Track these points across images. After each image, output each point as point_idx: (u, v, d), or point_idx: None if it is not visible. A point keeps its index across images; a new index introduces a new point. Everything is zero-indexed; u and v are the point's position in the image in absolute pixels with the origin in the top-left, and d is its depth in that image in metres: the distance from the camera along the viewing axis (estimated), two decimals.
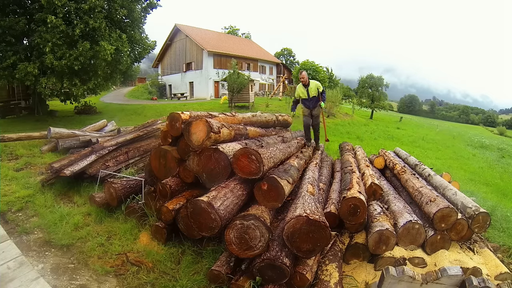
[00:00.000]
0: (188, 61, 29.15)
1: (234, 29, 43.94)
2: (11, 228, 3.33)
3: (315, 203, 2.62)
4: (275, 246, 2.39)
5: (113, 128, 8.43)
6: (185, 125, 3.28)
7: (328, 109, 21.83)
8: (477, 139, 23.99)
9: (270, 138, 4.89)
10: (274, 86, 33.07)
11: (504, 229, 4.08)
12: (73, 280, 2.60)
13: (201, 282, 2.63)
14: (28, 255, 2.83)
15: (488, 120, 78.00)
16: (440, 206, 2.96)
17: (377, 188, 3.64)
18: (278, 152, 3.47)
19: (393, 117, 37.71)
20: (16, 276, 1.27)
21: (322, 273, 2.58)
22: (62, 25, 9.25)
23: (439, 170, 6.40)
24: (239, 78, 16.70)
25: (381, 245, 2.85)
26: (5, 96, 13.60)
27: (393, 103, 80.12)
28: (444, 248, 2.97)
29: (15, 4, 10.02)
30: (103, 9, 10.53)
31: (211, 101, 22.48)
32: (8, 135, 6.64)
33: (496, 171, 11.48)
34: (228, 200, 2.58)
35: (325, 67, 28.03)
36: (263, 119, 5.58)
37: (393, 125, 25.34)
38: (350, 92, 34.70)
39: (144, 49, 13.79)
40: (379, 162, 5.47)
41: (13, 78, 9.97)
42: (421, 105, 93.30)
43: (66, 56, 9.67)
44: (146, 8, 13.07)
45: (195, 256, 3.01)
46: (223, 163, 3.05)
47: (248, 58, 31.09)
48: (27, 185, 4.47)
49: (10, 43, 9.80)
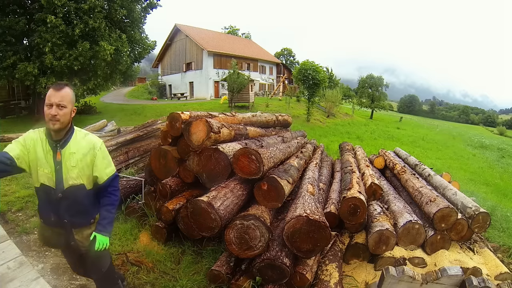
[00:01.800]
0: (188, 61, 29.15)
1: (234, 29, 43.94)
2: (11, 228, 3.33)
3: (315, 203, 2.62)
4: (275, 246, 2.39)
5: (113, 128, 8.43)
6: (185, 125, 3.28)
7: (328, 109, 21.87)
8: (477, 139, 24.00)
9: (270, 138, 4.89)
10: (274, 86, 33.07)
11: (504, 229, 4.09)
12: (73, 280, 2.60)
13: (201, 282, 2.63)
14: (28, 255, 2.84)
15: (488, 120, 78.05)
16: (440, 206, 2.96)
17: (377, 188, 3.64)
18: (278, 152, 3.47)
19: (393, 117, 37.73)
20: (16, 276, 1.27)
21: (322, 273, 2.58)
22: (62, 25, 9.26)
23: (439, 170, 6.40)
24: (239, 78, 16.71)
25: (381, 245, 2.85)
26: (5, 96, 13.60)
27: (393, 103, 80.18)
28: (444, 248, 2.97)
29: (15, 4, 10.03)
30: (103, 9, 10.53)
31: (211, 101, 22.48)
32: (8, 135, 6.64)
33: (496, 171, 11.49)
34: (228, 200, 2.58)
35: (325, 67, 28.08)
36: (263, 119, 5.58)
37: (393, 125, 25.36)
38: (350, 92, 34.74)
39: (144, 49, 13.80)
40: (379, 162, 5.48)
41: (13, 78, 9.99)
42: (421, 105, 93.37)
43: (66, 56, 9.68)
44: (146, 8, 13.08)
45: (195, 256, 3.01)
46: (223, 163, 3.05)
47: (248, 58, 31.09)
48: (27, 185, 4.46)
49: (10, 43, 9.81)
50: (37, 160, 1.61)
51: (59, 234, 1.75)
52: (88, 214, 1.79)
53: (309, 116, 17.62)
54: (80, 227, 1.76)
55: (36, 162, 1.61)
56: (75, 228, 1.74)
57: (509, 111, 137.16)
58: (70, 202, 1.68)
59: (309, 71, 17.37)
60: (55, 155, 1.61)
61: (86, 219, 1.78)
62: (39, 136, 1.64)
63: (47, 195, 1.66)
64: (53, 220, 1.71)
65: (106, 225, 1.74)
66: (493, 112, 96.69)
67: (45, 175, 1.62)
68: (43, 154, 1.61)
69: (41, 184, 1.64)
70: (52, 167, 1.62)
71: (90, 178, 1.73)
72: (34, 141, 1.62)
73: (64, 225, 1.71)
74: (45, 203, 1.70)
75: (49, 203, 1.68)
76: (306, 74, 17.39)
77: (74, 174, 1.66)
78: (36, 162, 1.61)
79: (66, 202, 1.67)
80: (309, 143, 6.25)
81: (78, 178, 1.67)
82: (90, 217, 1.79)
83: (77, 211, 1.72)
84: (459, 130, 33.90)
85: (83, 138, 1.71)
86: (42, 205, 1.72)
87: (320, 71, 17.91)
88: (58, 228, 1.73)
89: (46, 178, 1.62)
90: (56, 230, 1.74)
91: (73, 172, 1.65)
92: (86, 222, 1.78)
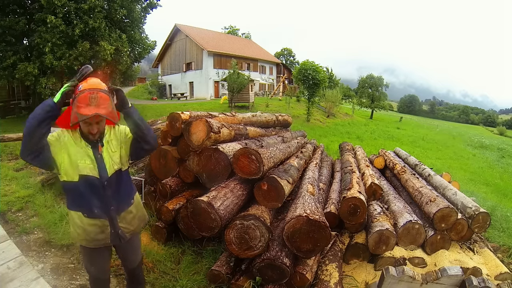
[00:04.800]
0: (188, 61, 29.15)
1: (234, 29, 43.93)
2: (11, 228, 3.33)
3: (315, 203, 2.61)
4: (275, 246, 2.39)
5: None
6: (185, 125, 3.28)
7: (328, 109, 21.88)
8: (477, 139, 24.01)
9: (270, 138, 4.88)
10: (274, 86, 33.07)
11: (504, 229, 4.08)
12: (73, 280, 2.60)
13: (201, 282, 2.63)
14: (28, 255, 2.83)
15: (488, 120, 78.09)
16: (440, 206, 2.96)
17: (377, 188, 3.64)
18: (278, 152, 3.47)
19: (393, 117, 37.74)
20: (16, 276, 1.27)
21: (322, 273, 2.58)
22: (62, 25, 9.26)
23: (439, 170, 6.40)
24: (239, 78, 16.71)
25: (381, 245, 2.85)
26: (5, 96, 13.59)
27: (393, 103, 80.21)
28: (444, 248, 2.97)
29: (15, 4, 10.02)
30: (103, 9, 10.53)
31: (211, 101, 22.48)
32: (8, 135, 6.61)
33: (496, 171, 11.49)
34: (228, 200, 2.58)
35: (325, 67, 28.08)
36: (263, 119, 5.58)
37: (393, 125, 25.37)
38: (350, 92, 34.75)
39: (144, 49, 13.80)
40: (379, 162, 5.47)
41: (13, 78, 9.99)
42: (421, 105, 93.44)
43: (66, 56, 9.68)
44: (146, 8, 13.08)
45: (195, 256, 3.01)
46: (223, 163, 3.05)
47: (248, 58, 31.09)
48: (27, 185, 4.46)
49: (10, 43, 9.80)
50: (76, 154, 1.59)
51: (103, 227, 1.71)
52: (130, 194, 1.84)
53: (309, 116, 17.63)
54: (124, 211, 1.78)
55: (76, 155, 1.58)
56: (119, 213, 1.75)
57: (509, 111, 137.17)
58: (114, 187, 1.69)
59: (309, 71, 17.37)
60: (96, 149, 1.63)
61: (128, 200, 1.82)
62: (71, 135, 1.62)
63: (90, 186, 1.62)
64: (97, 212, 1.66)
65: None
66: (493, 112, 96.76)
67: (87, 166, 1.60)
68: (80, 148, 1.60)
69: (82, 175, 1.59)
70: (93, 158, 1.62)
71: (126, 157, 1.77)
72: (68, 139, 1.60)
73: (110, 214, 1.70)
74: (88, 195, 1.63)
75: (93, 194, 1.64)
76: (306, 74, 17.40)
77: (117, 159, 1.70)
78: (75, 156, 1.58)
79: (112, 189, 1.68)
80: (309, 143, 6.24)
81: (119, 162, 1.71)
82: (131, 197, 1.84)
83: (121, 194, 1.75)
84: (459, 130, 33.91)
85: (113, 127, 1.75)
86: (83, 198, 1.64)
87: (320, 71, 17.92)
88: (102, 220, 1.69)
89: (89, 169, 1.60)
90: (100, 222, 1.69)
91: (115, 157, 1.69)
92: (128, 203, 1.81)
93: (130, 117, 1.66)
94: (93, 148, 1.63)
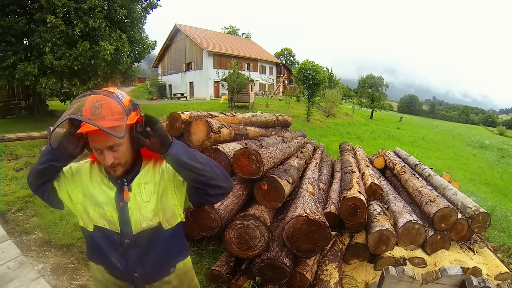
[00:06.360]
0: (188, 61, 29.16)
1: (234, 29, 43.95)
2: (11, 228, 3.33)
3: (315, 203, 2.62)
4: (275, 246, 2.39)
5: None
6: (185, 125, 3.28)
7: (328, 109, 21.87)
8: (477, 139, 24.02)
9: (270, 138, 4.88)
10: (274, 86, 33.07)
11: (504, 229, 4.08)
12: (73, 280, 2.60)
13: (201, 282, 2.62)
14: (28, 255, 2.83)
15: (488, 120, 78.15)
16: (440, 206, 2.96)
17: (377, 188, 3.64)
18: (278, 152, 3.47)
19: (393, 117, 37.74)
20: (16, 276, 1.27)
21: (322, 273, 2.58)
22: (62, 25, 9.25)
23: (439, 170, 6.40)
24: (239, 78, 16.70)
25: (381, 245, 2.85)
26: (5, 96, 13.59)
27: (393, 103, 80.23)
28: (444, 248, 2.97)
29: (15, 4, 10.03)
30: (103, 9, 10.52)
31: (211, 101, 22.48)
32: (8, 135, 6.63)
33: (496, 171, 11.49)
34: (228, 200, 2.58)
35: (325, 67, 28.09)
36: (263, 119, 5.58)
37: (393, 125, 25.37)
38: (350, 92, 34.74)
39: (144, 49, 13.79)
40: (379, 162, 5.48)
41: (13, 78, 9.98)
42: (421, 105, 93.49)
43: (66, 56, 9.67)
44: (146, 8, 13.06)
45: (195, 256, 3.01)
46: (223, 163, 3.04)
47: (248, 58, 31.11)
48: (27, 185, 4.44)
49: (10, 43, 9.80)
50: (92, 196, 1.13)
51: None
52: (168, 263, 1.25)
53: (309, 116, 17.62)
54: (157, 281, 1.23)
55: (92, 199, 1.13)
56: (149, 282, 1.22)
57: (509, 111, 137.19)
58: (142, 250, 1.15)
59: (309, 71, 17.37)
60: (121, 192, 1.11)
61: (164, 270, 1.24)
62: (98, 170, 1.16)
63: (108, 240, 1.15)
64: (119, 274, 1.19)
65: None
66: (493, 112, 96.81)
67: (102, 216, 1.12)
68: (99, 189, 1.13)
69: (97, 227, 1.14)
70: (114, 206, 1.11)
71: (169, 212, 1.17)
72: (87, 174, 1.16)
73: (133, 280, 1.19)
74: (108, 251, 1.16)
75: (114, 251, 1.16)
76: (306, 74, 17.39)
77: (150, 213, 1.13)
78: (90, 199, 1.13)
79: (137, 251, 1.15)
80: (309, 143, 6.25)
81: (154, 217, 1.14)
82: (170, 264, 1.25)
83: (153, 261, 1.19)
84: (459, 130, 33.92)
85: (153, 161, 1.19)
86: (102, 253, 1.17)
87: (320, 71, 17.91)
88: (125, 283, 1.22)
89: (106, 221, 1.12)
90: (124, 285, 1.23)
91: (147, 210, 1.13)
92: (164, 273, 1.24)
93: (175, 163, 1.04)
94: (118, 191, 1.12)
